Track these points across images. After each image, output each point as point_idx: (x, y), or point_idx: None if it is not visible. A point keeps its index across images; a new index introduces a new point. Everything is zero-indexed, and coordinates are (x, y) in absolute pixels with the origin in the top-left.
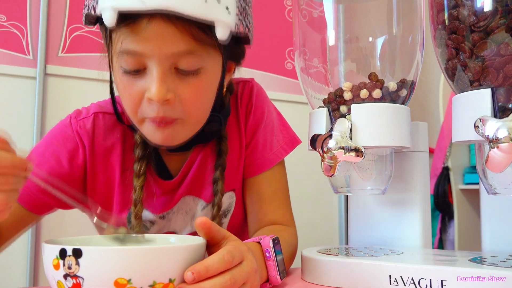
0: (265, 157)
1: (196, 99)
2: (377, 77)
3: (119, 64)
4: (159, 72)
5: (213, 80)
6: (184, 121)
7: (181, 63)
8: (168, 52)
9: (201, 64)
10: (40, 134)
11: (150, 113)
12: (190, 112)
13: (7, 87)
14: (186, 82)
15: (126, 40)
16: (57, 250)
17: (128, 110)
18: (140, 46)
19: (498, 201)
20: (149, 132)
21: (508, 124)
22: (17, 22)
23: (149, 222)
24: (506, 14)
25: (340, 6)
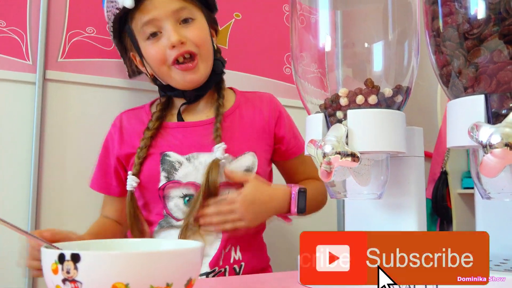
0: (298, 146)
1: (200, 36)
2: (373, 83)
3: (143, 36)
4: (171, 25)
5: (205, 28)
6: (201, 56)
7: (181, 15)
8: (170, 10)
9: (193, 15)
10: (39, 139)
11: (174, 54)
12: (201, 45)
13: (7, 92)
14: (188, 28)
15: (142, 16)
16: (55, 255)
17: (157, 66)
18: (152, 14)
19: (492, 205)
20: (179, 77)
21: (501, 130)
22: (16, 28)
23: (177, 162)
24: (499, 21)
25: (337, 12)
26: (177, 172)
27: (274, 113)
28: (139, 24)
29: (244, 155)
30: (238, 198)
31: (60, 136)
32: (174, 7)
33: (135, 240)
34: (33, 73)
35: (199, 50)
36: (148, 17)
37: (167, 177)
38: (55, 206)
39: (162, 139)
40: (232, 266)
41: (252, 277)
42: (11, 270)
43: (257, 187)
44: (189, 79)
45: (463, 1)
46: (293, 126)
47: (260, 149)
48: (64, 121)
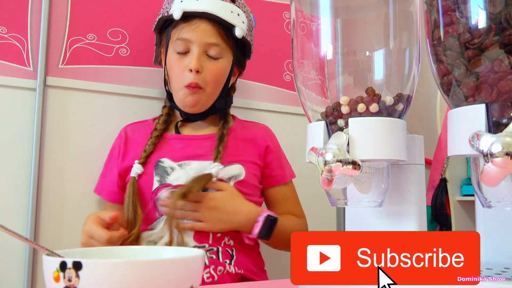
0: (282, 175)
1: (215, 75)
2: (374, 91)
3: (173, 49)
4: (198, 53)
5: (226, 68)
6: (205, 91)
7: (211, 50)
8: (205, 41)
9: (221, 55)
10: (39, 145)
11: (188, 79)
12: (210, 83)
13: (7, 99)
14: (211, 63)
15: (182, 31)
16: (57, 263)
17: (174, 79)
18: (190, 35)
19: (493, 214)
20: (184, 97)
21: (502, 139)
22: (17, 34)
23: (169, 168)
24: (500, 31)
25: (338, 20)
26: (168, 176)
27: (266, 142)
28: (176, 35)
29: (232, 165)
30: (205, 198)
31: (60, 142)
32: (209, 40)
33: (137, 247)
34: (34, 80)
35: (206, 86)
36: (185, 35)
37: (160, 181)
38: (54, 211)
39: (160, 148)
40: (225, 249)
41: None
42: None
43: (227, 196)
44: (190, 101)
45: (464, 10)
46: (281, 157)
47: (248, 164)
48: (65, 127)
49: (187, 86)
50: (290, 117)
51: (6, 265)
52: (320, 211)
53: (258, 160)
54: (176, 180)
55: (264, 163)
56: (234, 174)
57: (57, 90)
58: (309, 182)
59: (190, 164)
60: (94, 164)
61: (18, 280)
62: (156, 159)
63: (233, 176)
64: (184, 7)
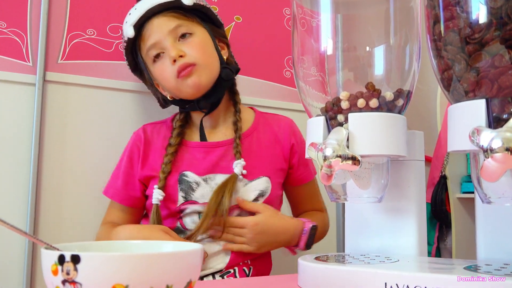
0: (307, 173)
1: (199, 48)
2: (374, 86)
3: (150, 60)
4: (170, 43)
5: (204, 39)
6: (200, 65)
7: (178, 32)
8: (167, 30)
9: (191, 30)
10: (39, 141)
11: (176, 69)
12: (199, 56)
13: (6, 94)
14: (187, 42)
15: (145, 42)
16: (55, 256)
17: (165, 81)
18: (152, 39)
19: (492, 210)
20: (184, 85)
21: (502, 134)
22: (17, 29)
23: (194, 183)
24: (501, 26)
25: (338, 15)
26: (194, 192)
27: (291, 140)
28: (145, 50)
29: (259, 179)
30: (249, 224)
31: (60, 138)
32: (170, 27)
33: (135, 242)
34: (33, 75)
35: (198, 60)
36: (150, 42)
37: (185, 197)
38: (54, 207)
39: (182, 157)
40: (242, 268)
41: (251, 279)
42: (9, 266)
43: (268, 218)
44: (191, 83)
45: (464, 5)
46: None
47: (274, 174)
48: (64, 123)
49: (179, 73)
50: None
51: (6, 261)
52: None
53: (284, 164)
54: (202, 198)
55: (289, 165)
56: (262, 189)
57: (56, 85)
58: None
59: (215, 178)
60: (94, 159)
61: (17, 276)
62: (178, 169)
63: (261, 192)
64: (131, 21)
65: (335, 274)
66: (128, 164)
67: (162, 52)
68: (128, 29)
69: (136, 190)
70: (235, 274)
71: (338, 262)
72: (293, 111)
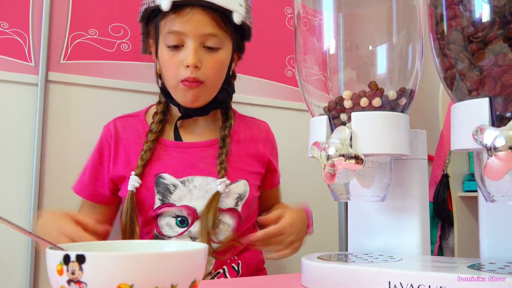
0: (278, 175)
1: (216, 68)
2: (377, 85)
3: (165, 43)
4: (194, 46)
5: (226, 59)
6: (206, 85)
7: (208, 41)
8: (201, 32)
9: (221, 44)
10: (41, 141)
11: (185, 75)
12: (211, 77)
13: (9, 94)
14: (210, 55)
15: (173, 22)
16: (61, 256)
17: (168, 76)
18: (182, 27)
19: (496, 208)
20: (182, 93)
21: (505, 133)
22: (19, 29)
23: (172, 185)
24: (504, 24)
25: (340, 14)
26: (171, 195)
27: (270, 145)
28: (167, 28)
29: (238, 182)
30: (286, 229)
31: (62, 138)
32: (205, 31)
33: (140, 241)
34: (35, 75)
35: (207, 80)
36: (177, 27)
37: (162, 200)
38: (56, 206)
39: (158, 157)
40: (231, 265)
41: (254, 279)
42: (12, 267)
43: (294, 215)
44: (189, 95)
45: (467, 4)
46: (277, 157)
47: (252, 177)
48: (66, 123)
49: (184, 81)
50: (292, 112)
51: (9, 261)
52: (323, 205)
53: (261, 168)
54: (180, 200)
55: (265, 169)
56: (240, 192)
57: (58, 85)
58: (311, 177)
59: (193, 181)
60: None
61: (21, 276)
62: (155, 170)
63: (239, 195)
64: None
65: (339, 273)
66: (98, 160)
67: (181, 45)
68: (165, 1)
69: (105, 188)
70: (225, 274)
71: (342, 261)
72: (294, 110)
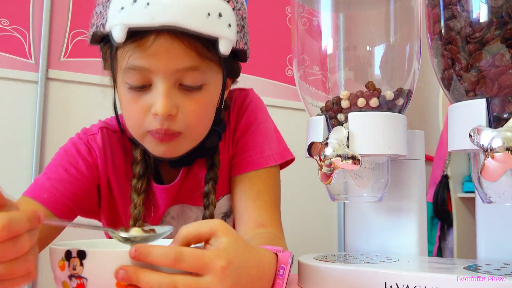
0: (253, 158)
1: (199, 114)
2: (374, 86)
3: (125, 81)
4: (165, 88)
5: (214, 95)
6: (186, 136)
7: (186, 78)
8: (174, 67)
9: (205, 80)
10: (41, 139)
11: (154, 125)
12: (192, 126)
13: (9, 91)
14: (190, 97)
15: (133, 56)
16: (62, 252)
17: (131, 124)
18: (147, 61)
19: (493, 209)
20: (152, 146)
21: (502, 134)
22: (19, 27)
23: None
24: (501, 25)
25: (339, 14)
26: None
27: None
28: (125, 62)
29: (221, 199)
30: (213, 266)
31: (62, 135)
32: (180, 66)
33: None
34: (36, 72)
35: (187, 130)
36: (140, 62)
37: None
38: None
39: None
40: None
41: None
42: None
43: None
44: (161, 151)
45: (465, 4)
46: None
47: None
48: (66, 120)
49: (153, 133)
50: (292, 112)
51: None
52: (321, 206)
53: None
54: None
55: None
56: (225, 210)
57: (58, 83)
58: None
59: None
60: None
61: None
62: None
63: (224, 214)
64: (129, 21)
65: (336, 274)
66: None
67: (148, 84)
68: (118, 28)
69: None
70: None
71: (338, 262)
72: (296, 110)
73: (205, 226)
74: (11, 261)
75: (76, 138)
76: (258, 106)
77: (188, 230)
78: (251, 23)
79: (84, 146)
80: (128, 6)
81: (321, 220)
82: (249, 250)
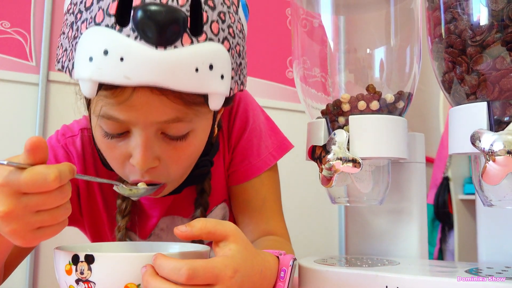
0: (252, 163)
1: (184, 163)
2: (374, 89)
3: (99, 125)
4: (144, 139)
5: (203, 138)
6: (170, 183)
7: (169, 129)
8: (154, 120)
9: (191, 127)
10: None
11: (134, 176)
12: (176, 176)
13: (10, 93)
14: (173, 146)
15: (107, 106)
16: (70, 256)
17: (112, 164)
18: (124, 114)
19: (494, 212)
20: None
21: (503, 137)
22: (20, 29)
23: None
24: (502, 28)
25: (339, 17)
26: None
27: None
28: (99, 109)
29: (215, 208)
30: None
31: None
32: (162, 118)
33: (147, 242)
34: (37, 74)
35: (173, 177)
36: (115, 114)
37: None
38: None
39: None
40: None
41: None
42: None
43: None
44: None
45: (466, 7)
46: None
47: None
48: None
49: (135, 182)
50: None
51: None
52: (322, 209)
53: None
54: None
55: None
56: (219, 218)
57: (59, 85)
58: (309, 180)
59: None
60: None
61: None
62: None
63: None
64: (98, 78)
65: (336, 277)
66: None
67: (126, 132)
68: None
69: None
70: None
71: (339, 265)
72: (295, 112)
73: (221, 228)
74: (55, 209)
75: (54, 141)
76: (247, 102)
77: (205, 225)
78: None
79: (62, 150)
80: (98, 57)
81: (322, 223)
82: (255, 256)
